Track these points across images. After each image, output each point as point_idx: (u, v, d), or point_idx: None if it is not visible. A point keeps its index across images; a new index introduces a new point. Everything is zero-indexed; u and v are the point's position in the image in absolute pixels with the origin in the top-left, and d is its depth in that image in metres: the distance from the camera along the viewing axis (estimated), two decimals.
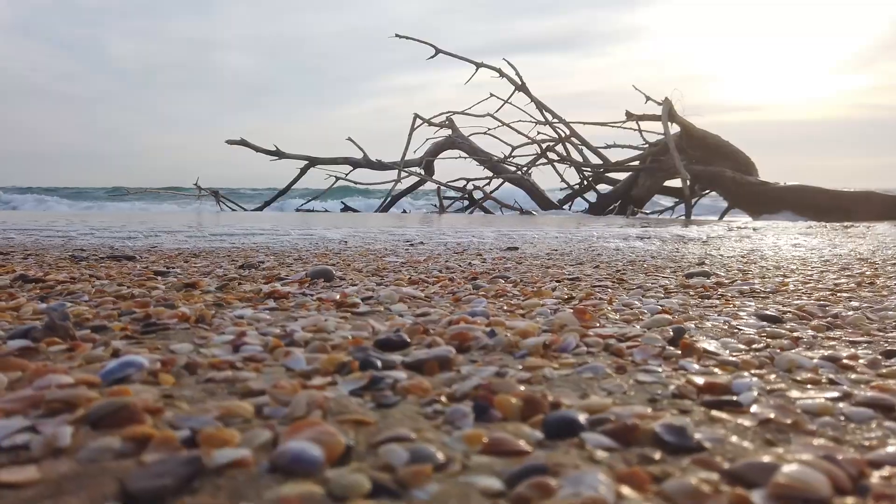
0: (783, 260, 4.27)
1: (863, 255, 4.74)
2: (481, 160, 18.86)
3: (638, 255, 4.56)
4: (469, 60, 18.49)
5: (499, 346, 1.42)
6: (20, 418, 0.91)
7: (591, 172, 18.66)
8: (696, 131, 17.62)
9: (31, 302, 1.95)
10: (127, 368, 1.13)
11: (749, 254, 4.86)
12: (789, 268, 3.66)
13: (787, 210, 17.02)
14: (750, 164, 18.19)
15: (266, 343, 1.40)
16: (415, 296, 2.24)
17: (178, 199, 24.50)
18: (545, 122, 18.27)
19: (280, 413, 0.95)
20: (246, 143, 20.85)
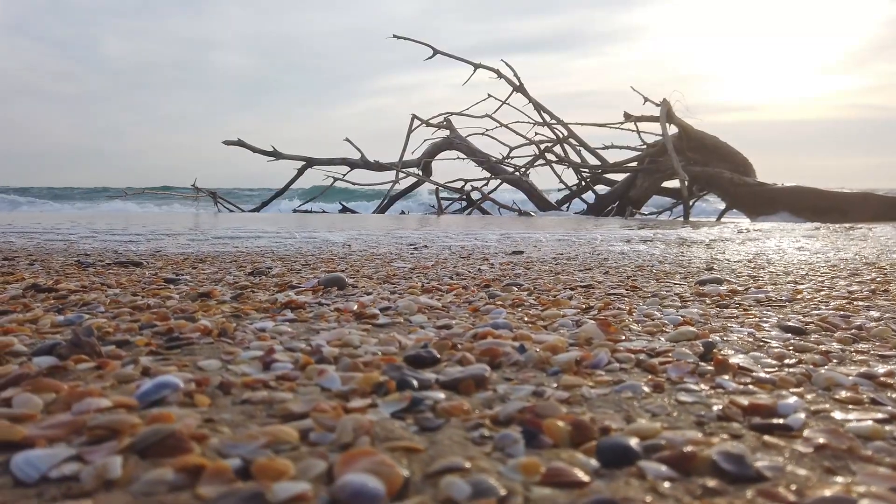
0: (790, 265, 4.26)
1: (868, 258, 4.74)
2: (479, 161, 18.85)
3: (645, 260, 4.55)
4: (467, 61, 18.48)
5: (530, 363, 1.41)
6: (64, 446, 0.89)
7: (589, 173, 18.66)
8: (694, 132, 17.63)
9: (48, 314, 1.93)
10: (162, 390, 1.12)
11: (755, 258, 4.85)
12: (799, 273, 3.65)
13: (785, 211, 17.05)
14: (748, 165, 18.21)
15: (296, 360, 1.38)
16: (432, 306, 2.22)
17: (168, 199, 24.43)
18: (543, 122, 18.27)
19: (327, 439, 0.93)
20: (243, 143, 20.81)
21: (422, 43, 18.78)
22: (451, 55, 18.69)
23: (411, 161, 19.23)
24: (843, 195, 17.81)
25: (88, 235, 6.66)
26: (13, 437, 0.90)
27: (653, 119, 17.34)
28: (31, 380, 1.17)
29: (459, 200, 18.51)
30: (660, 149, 17.53)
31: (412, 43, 19.36)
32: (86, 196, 32.99)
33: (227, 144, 20.86)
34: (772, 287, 2.94)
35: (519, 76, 18.26)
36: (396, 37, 18.90)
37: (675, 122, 17.29)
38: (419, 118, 18.80)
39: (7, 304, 2.13)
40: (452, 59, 18.89)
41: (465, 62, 18.52)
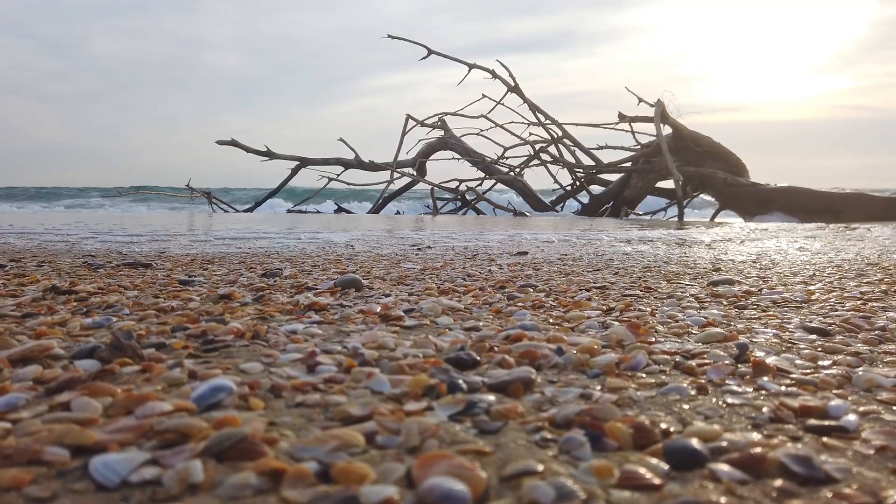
0: (795, 265, 4.29)
1: (870, 259, 4.77)
2: (474, 161, 18.88)
3: (650, 261, 4.58)
4: (462, 62, 18.50)
5: (569, 365, 1.42)
6: (136, 450, 0.90)
7: (583, 173, 18.71)
8: (688, 133, 17.71)
9: (75, 317, 1.93)
10: (218, 393, 1.12)
11: (758, 258, 4.88)
12: (805, 274, 3.68)
13: (778, 211, 17.16)
14: (741, 166, 18.30)
15: (339, 363, 1.39)
16: (455, 308, 2.23)
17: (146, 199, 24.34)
18: (538, 123, 18.31)
19: (394, 442, 0.94)
20: (236, 143, 20.77)
21: (417, 43, 18.80)
22: (446, 55, 18.71)
23: (406, 161, 19.25)
24: (836, 195, 17.92)
25: (88, 236, 6.63)
26: (85, 441, 0.90)
27: (647, 120, 17.41)
28: (85, 384, 1.17)
29: (454, 201, 18.52)
30: (654, 149, 17.61)
31: (405, 43, 19.39)
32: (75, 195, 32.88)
33: (220, 144, 20.82)
34: (783, 288, 2.96)
35: (514, 77, 18.29)
36: (391, 37, 18.90)
37: (670, 122, 17.36)
38: (414, 118, 18.81)
39: (31, 307, 2.13)
40: (447, 59, 18.91)
41: (459, 62, 18.55)
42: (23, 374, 1.26)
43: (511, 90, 18.40)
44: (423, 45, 18.67)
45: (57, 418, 1.00)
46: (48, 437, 0.91)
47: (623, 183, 18.17)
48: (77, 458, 0.88)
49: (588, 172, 18.77)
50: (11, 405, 1.07)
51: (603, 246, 6.20)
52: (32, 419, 1.01)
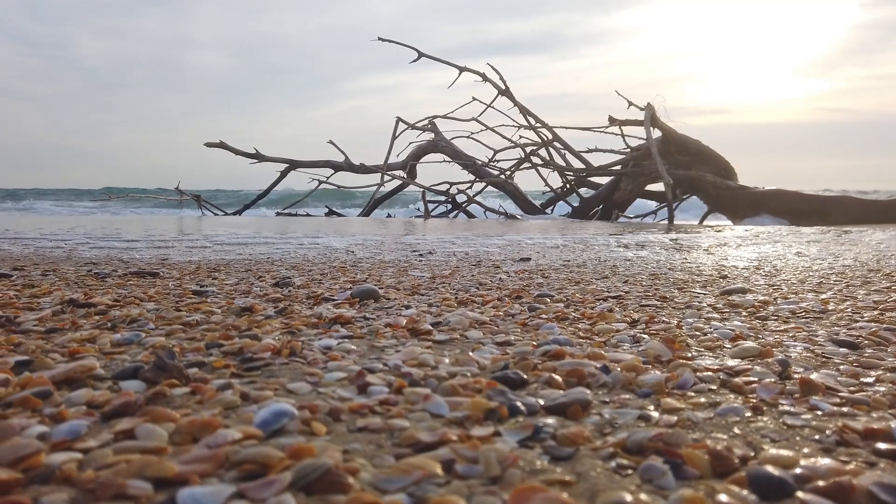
0: (798, 272, 4.31)
1: (869, 265, 4.81)
2: (464, 164, 18.88)
3: (654, 268, 4.59)
4: (452, 65, 18.50)
5: (617, 384, 1.42)
6: (217, 482, 0.88)
7: (573, 176, 18.75)
8: (678, 136, 17.79)
9: (102, 332, 1.91)
10: (281, 418, 1.11)
11: (760, 265, 4.91)
12: (813, 282, 3.70)
13: (767, 214, 17.27)
14: (729, 169, 18.41)
15: (390, 383, 1.38)
16: (481, 321, 2.23)
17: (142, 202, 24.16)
18: (529, 126, 18.33)
19: (474, 472, 0.93)
20: (225, 145, 20.68)
21: (407, 46, 18.78)
22: (437, 58, 18.70)
23: (396, 164, 19.22)
24: (822, 198, 18.07)
25: (83, 242, 6.58)
26: (166, 473, 0.89)
27: (637, 123, 17.47)
28: (143, 408, 1.16)
29: (445, 203, 18.52)
30: (644, 152, 17.68)
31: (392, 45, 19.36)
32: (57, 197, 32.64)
33: (209, 146, 20.70)
34: (795, 297, 2.98)
35: (504, 79, 18.31)
36: (382, 39, 18.88)
37: (659, 125, 17.43)
38: (404, 121, 18.79)
39: (52, 321, 2.10)
40: (438, 62, 18.90)
41: (450, 65, 18.55)
42: (75, 398, 1.24)
43: (501, 93, 18.42)
44: (413, 48, 18.67)
45: (127, 448, 0.99)
46: (127, 469, 0.90)
47: (613, 186, 18.23)
48: (160, 491, 0.87)
49: (578, 176, 18.82)
50: (76, 433, 1.05)
51: (603, 251, 6.22)
52: (101, 448, 1.00)
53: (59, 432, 1.05)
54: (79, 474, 0.90)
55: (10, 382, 1.33)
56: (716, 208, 18.18)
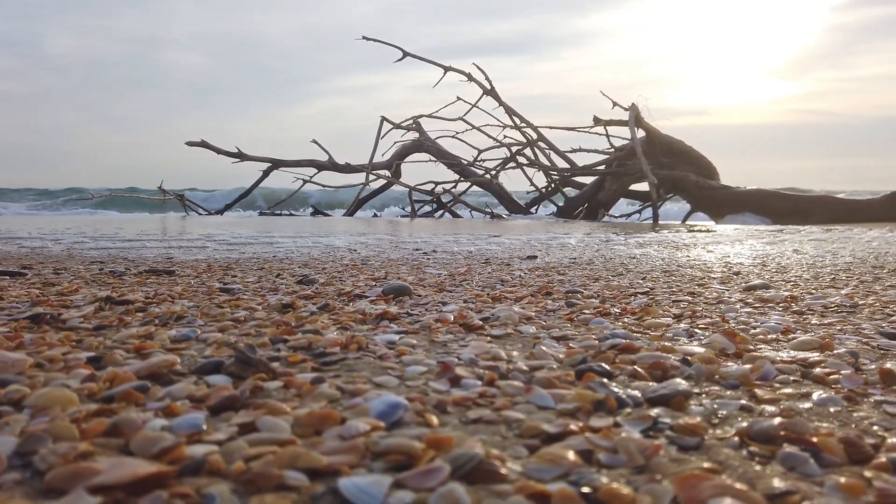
0: (804, 268, 4.36)
1: (869, 261, 4.88)
2: (449, 163, 18.89)
3: (663, 264, 4.62)
4: (438, 64, 18.51)
5: (701, 376, 1.42)
6: (368, 473, 0.88)
7: (558, 176, 18.83)
8: (661, 136, 17.94)
9: (158, 329, 1.89)
10: (397, 410, 1.11)
11: (765, 262, 4.96)
12: (826, 278, 3.74)
13: (749, 213, 17.47)
14: (712, 169, 18.59)
15: (481, 376, 1.38)
16: (528, 316, 2.23)
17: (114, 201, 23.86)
18: (514, 126, 18.38)
19: (619, 461, 0.93)
20: (206, 144, 20.52)
21: (392, 45, 18.75)
22: (422, 58, 18.69)
23: (381, 163, 19.18)
24: (803, 198, 18.35)
25: (79, 241, 6.49)
26: (316, 464, 0.88)
27: (621, 123, 17.60)
28: (256, 402, 1.15)
29: (431, 203, 18.51)
30: (628, 152, 17.81)
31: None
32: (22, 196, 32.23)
33: (190, 145, 20.52)
34: (816, 292, 3.01)
35: (490, 79, 18.34)
36: (366, 38, 18.83)
37: (643, 126, 17.57)
38: (389, 121, 18.75)
39: (98, 319, 2.07)
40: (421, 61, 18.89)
41: (435, 65, 18.55)
42: (176, 392, 1.22)
43: (487, 93, 18.46)
44: (398, 47, 18.65)
45: (260, 440, 0.98)
46: (277, 460, 0.89)
47: (597, 185, 18.34)
48: (314, 481, 0.86)
49: (563, 175, 18.90)
50: (197, 426, 1.04)
51: (605, 250, 6.25)
52: (231, 441, 0.98)
53: (182, 425, 1.03)
54: (227, 466, 0.88)
55: (96, 377, 1.31)
56: (699, 208, 18.36)
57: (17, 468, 0.89)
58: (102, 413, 1.10)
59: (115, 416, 1.04)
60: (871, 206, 17.04)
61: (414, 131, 19.38)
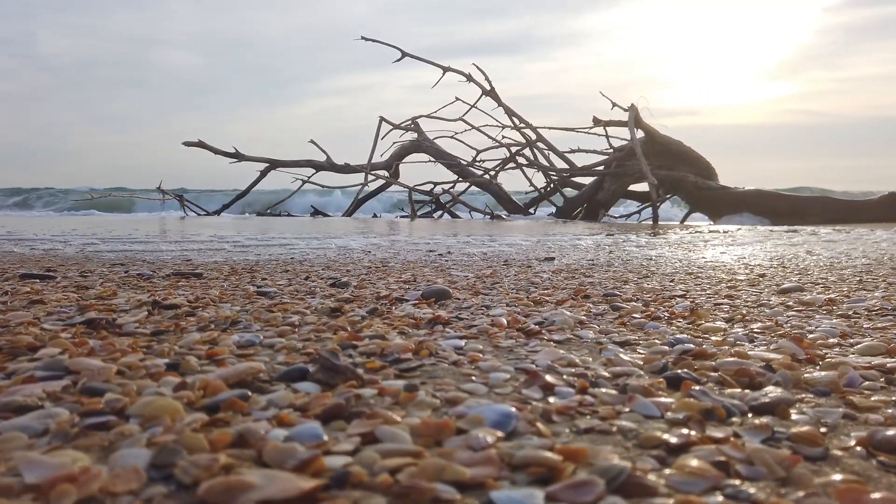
0: (824, 269, 4.37)
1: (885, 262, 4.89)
2: (448, 164, 18.87)
3: (683, 266, 4.63)
4: (437, 65, 18.50)
5: (788, 383, 1.42)
6: (512, 486, 0.87)
7: (557, 177, 18.85)
8: (660, 137, 17.99)
9: (222, 334, 1.87)
10: (510, 420, 1.10)
11: (783, 263, 4.97)
12: (851, 280, 3.75)
13: (748, 213, 17.54)
14: (710, 170, 18.65)
15: (572, 383, 1.37)
16: (581, 320, 2.22)
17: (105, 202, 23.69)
18: (513, 126, 18.39)
19: (758, 473, 0.92)
20: (204, 144, 20.46)
21: (391, 45, 18.73)
22: (421, 58, 18.68)
23: (379, 163, 19.14)
24: (800, 198, 18.41)
25: (90, 243, 6.45)
26: (460, 476, 0.87)
27: (621, 124, 17.64)
28: (364, 412, 1.14)
29: (430, 204, 18.48)
30: (627, 153, 17.84)
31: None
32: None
33: (187, 145, 20.45)
34: (850, 294, 3.02)
35: (490, 80, 18.34)
36: (365, 38, 18.80)
37: (643, 126, 17.61)
38: (388, 121, 18.72)
39: (153, 324, 2.06)
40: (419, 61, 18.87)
41: (434, 65, 18.53)
42: (278, 400, 1.21)
43: (486, 94, 18.46)
44: (397, 47, 18.63)
45: (389, 451, 0.97)
46: (420, 472, 0.88)
47: (596, 186, 18.37)
48: (464, 494, 0.85)
49: (562, 176, 18.92)
50: (317, 436, 1.03)
51: (619, 251, 6.26)
52: (360, 452, 0.97)
53: (303, 435, 1.02)
54: (371, 479, 0.87)
55: (187, 385, 1.30)
56: (697, 208, 18.43)
57: (158, 481, 0.88)
58: (217, 423, 1.08)
59: (238, 426, 1.03)
60: (868, 207, 17.13)
61: (412, 131, 19.36)
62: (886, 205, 16.77)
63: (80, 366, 1.40)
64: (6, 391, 1.24)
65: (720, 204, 17.93)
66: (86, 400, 1.21)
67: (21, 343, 1.65)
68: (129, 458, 0.91)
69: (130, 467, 0.88)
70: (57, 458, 0.90)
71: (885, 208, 16.63)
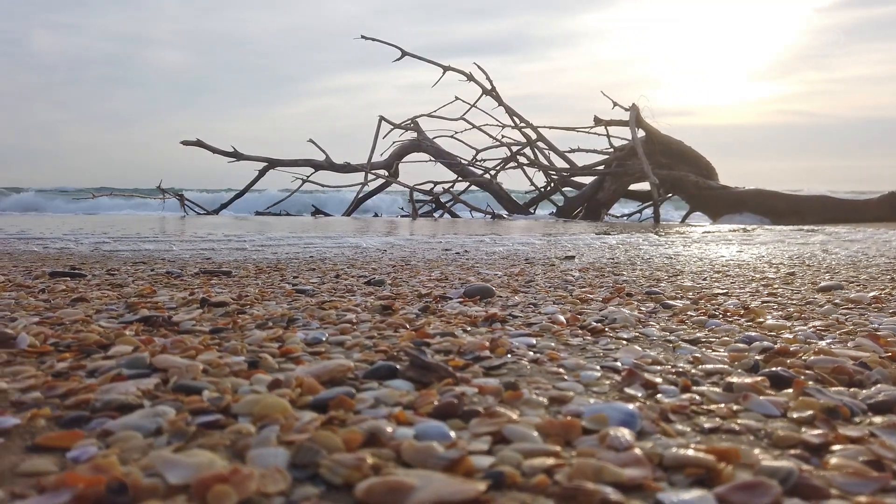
0: (846, 267, 4.35)
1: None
2: (448, 163, 18.82)
3: (706, 265, 4.60)
4: (437, 64, 18.46)
5: (887, 381, 1.39)
6: (670, 487, 0.83)
7: (558, 176, 18.82)
8: (661, 137, 17.98)
9: (286, 332, 1.84)
10: (635, 419, 1.07)
11: (804, 261, 4.95)
12: (883, 278, 3.73)
13: (748, 211, 17.56)
14: (710, 169, 18.66)
15: (675, 382, 1.34)
16: (639, 318, 2.19)
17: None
18: (514, 125, 18.36)
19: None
20: (202, 143, 20.34)
21: (390, 44, 18.67)
22: (421, 57, 18.63)
23: (379, 163, 19.06)
24: (800, 198, 18.43)
25: (103, 241, 6.40)
26: (618, 478, 0.84)
27: (622, 123, 17.62)
28: (484, 410, 1.10)
29: (430, 203, 18.42)
30: (628, 152, 17.82)
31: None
32: None
33: (185, 144, 20.33)
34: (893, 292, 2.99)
35: (491, 79, 18.31)
36: (364, 38, 18.73)
37: (644, 126, 17.60)
38: (388, 121, 18.65)
39: (209, 322, 2.02)
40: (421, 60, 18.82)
41: (435, 64, 18.50)
42: (384, 398, 1.18)
43: (487, 93, 18.42)
44: (397, 46, 18.56)
45: (529, 450, 0.93)
46: (578, 473, 0.84)
47: (597, 186, 18.34)
48: (628, 496, 0.81)
49: (562, 175, 18.89)
50: (444, 435, 0.99)
51: (633, 250, 6.24)
52: (503, 452, 0.94)
53: (431, 434, 0.99)
54: (525, 480, 0.84)
55: (281, 383, 1.26)
56: (697, 208, 18.42)
57: (304, 481, 0.84)
58: (332, 421, 1.05)
59: (365, 425, 0.99)
60: (868, 207, 17.16)
61: (412, 131, 19.30)
62: (886, 205, 16.81)
63: (165, 363, 1.36)
64: (99, 389, 1.20)
65: (720, 203, 17.94)
66: (184, 398, 1.17)
67: (89, 341, 1.61)
68: (269, 457, 0.87)
69: (272, 467, 0.84)
70: (193, 458, 0.87)
71: (885, 208, 16.66)
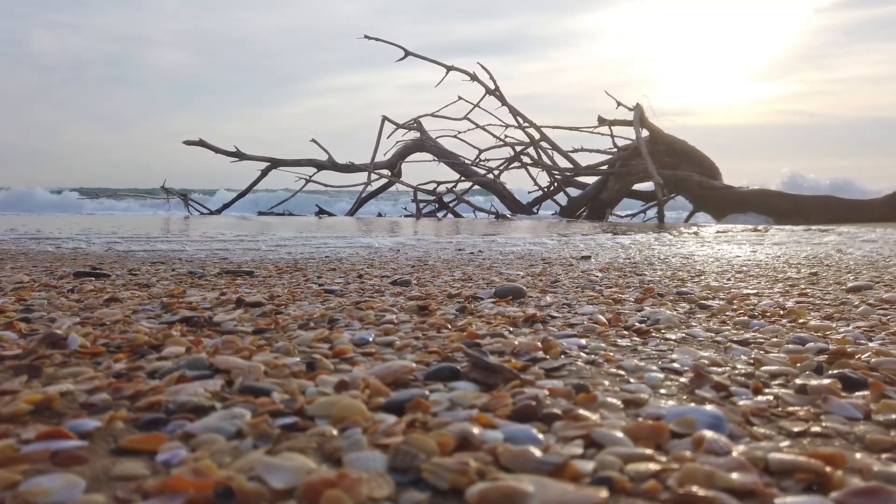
0: (866, 267, 4.33)
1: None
2: (452, 163, 18.81)
3: (724, 265, 4.59)
4: (440, 63, 18.45)
5: None
6: (786, 493, 0.82)
7: (561, 176, 18.81)
8: (664, 136, 17.97)
9: (333, 332, 1.82)
10: (723, 422, 1.05)
11: (822, 261, 4.93)
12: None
13: (752, 211, 17.55)
14: (714, 169, 18.65)
15: (745, 384, 1.32)
16: (682, 319, 2.17)
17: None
18: (518, 125, 18.34)
19: None
20: (205, 143, 20.31)
21: (394, 44, 18.66)
22: (426, 57, 18.62)
23: (381, 163, 19.05)
24: (804, 198, 18.42)
25: (115, 241, 6.37)
26: (729, 484, 0.82)
27: (626, 123, 17.61)
28: (562, 412, 1.08)
29: (433, 203, 18.41)
30: (631, 152, 17.82)
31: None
32: None
33: (188, 144, 20.30)
34: None
35: (494, 79, 18.30)
36: (367, 37, 18.72)
37: (647, 126, 17.59)
38: (391, 121, 18.64)
39: (251, 322, 2.00)
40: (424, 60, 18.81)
41: (438, 64, 18.49)
42: (457, 399, 1.16)
43: (490, 93, 18.41)
44: (400, 46, 18.55)
45: (628, 455, 0.91)
46: (688, 479, 0.82)
47: (600, 185, 18.33)
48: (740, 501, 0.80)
49: (566, 175, 18.88)
50: (533, 438, 0.97)
51: (647, 251, 6.22)
52: (600, 456, 0.92)
53: (519, 437, 0.97)
54: (635, 485, 0.82)
55: (347, 384, 1.24)
56: (701, 207, 18.41)
57: (407, 486, 0.82)
58: (415, 423, 1.03)
59: (453, 427, 0.97)
60: (871, 206, 17.14)
61: (415, 131, 19.28)
62: (889, 204, 16.79)
63: (226, 364, 1.34)
64: (167, 391, 1.18)
65: (724, 203, 17.93)
66: (254, 399, 1.15)
67: (139, 341, 1.59)
68: (367, 461, 0.85)
69: (373, 472, 0.82)
70: (290, 461, 0.85)
71: (889, 207, 16.65)
